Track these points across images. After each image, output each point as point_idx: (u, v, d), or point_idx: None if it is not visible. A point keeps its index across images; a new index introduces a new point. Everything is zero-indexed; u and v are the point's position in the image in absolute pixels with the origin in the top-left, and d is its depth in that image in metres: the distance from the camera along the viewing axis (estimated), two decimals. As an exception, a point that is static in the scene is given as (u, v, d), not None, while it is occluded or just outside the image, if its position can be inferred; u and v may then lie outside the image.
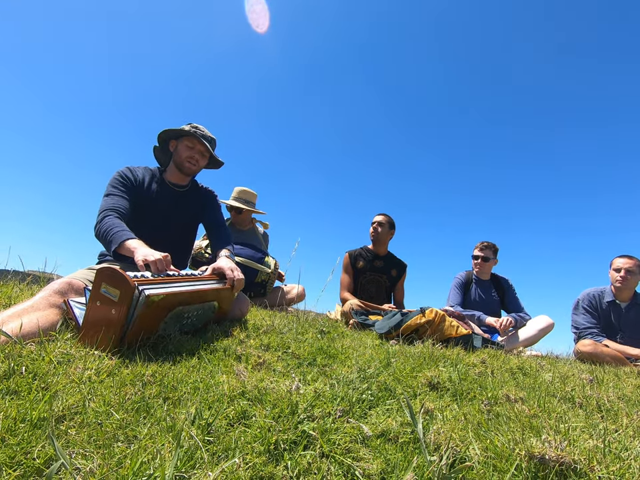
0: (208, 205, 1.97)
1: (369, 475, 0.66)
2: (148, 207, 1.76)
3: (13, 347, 0.95)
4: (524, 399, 1.10)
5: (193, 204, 1.92)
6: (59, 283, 1.28)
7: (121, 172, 1.74)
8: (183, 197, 1.89)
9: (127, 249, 1.40)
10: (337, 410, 0.85)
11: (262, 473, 0.63)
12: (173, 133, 1.85)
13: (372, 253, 3.03)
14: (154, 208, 1.78)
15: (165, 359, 1.07)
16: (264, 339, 1.40)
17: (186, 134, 1.81)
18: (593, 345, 2.43)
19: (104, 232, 1.48)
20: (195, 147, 1.82)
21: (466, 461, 0.71)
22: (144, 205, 1.74)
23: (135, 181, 1.75)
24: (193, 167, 1.83)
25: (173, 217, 1.84)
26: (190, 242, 2.03)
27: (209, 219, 1.94)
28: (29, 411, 0.69)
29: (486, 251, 3.00)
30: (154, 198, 1.78)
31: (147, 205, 1.75)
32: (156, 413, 0.77)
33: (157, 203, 1.79)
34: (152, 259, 1.29)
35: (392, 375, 1.19)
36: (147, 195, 1.77)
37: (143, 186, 1.77)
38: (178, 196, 1.87)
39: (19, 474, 0.56)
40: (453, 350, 1.65)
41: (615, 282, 2.64)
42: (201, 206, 1.94)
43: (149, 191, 1.78)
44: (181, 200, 1.87)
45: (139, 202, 1.72)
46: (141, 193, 1.75)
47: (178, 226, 1.87)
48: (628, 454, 0.74)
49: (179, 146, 1.83)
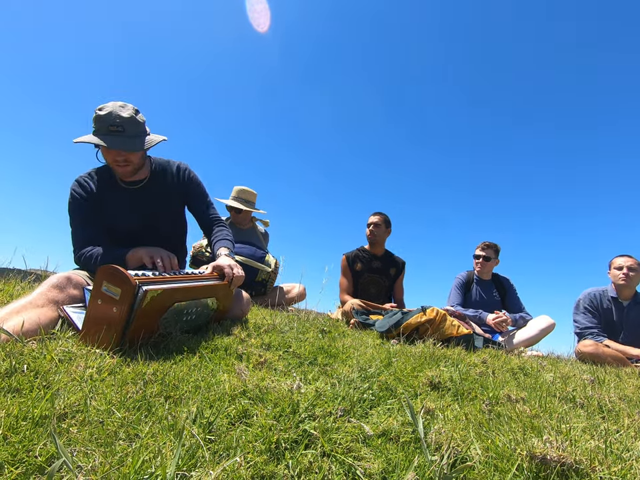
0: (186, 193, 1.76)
1: (370, 474, 0.66)
2: (110, 215, 1.62)
3: (14, 345, 0.95)
4: (525, 399, 1.10)
5: (158, 196, 1.69)
6: (58, 277, 1.27)
7: (72, 191, 1.57)
8: (142, 193, 1.66)
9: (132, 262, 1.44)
10: (338, 409, 0.85)
11: (263, 472, 0.63)
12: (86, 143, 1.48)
13: (369, 254, 3.02)
14: (117, 214, 1.63)
15: (166, 357, 1.07)
16: (265, 338, 1.40)
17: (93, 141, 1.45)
18: (594, 346, 2.42)
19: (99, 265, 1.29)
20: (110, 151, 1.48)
21: (467, 460, 0.71)
22: (105, 214, 1.61)
23: (88, 194, 1.58)
24: (127, 168, 1.53)
25: (140, 217, 1.67)
26: (177, 234, 1.86)
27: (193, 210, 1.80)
28: (30, 409, 0.69)
29: (487, 250, 2.99)
30: (112, 205, 1.62)
31: (108, 214, 1.62)
32: (157, 411, 0.77)
33: (117, 209, 1.63)
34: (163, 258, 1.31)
35: (393, 375, 1.19)
36: (104, 204, 1.61)
37: (97, 196, 1.59)
38: (136, 194, 1.65)
39: (21, 472, 0.56)
40: (454, 350, 1.65)
41: (618, 280, 2.64)
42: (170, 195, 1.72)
43: (104, 199, 1.61)
44: (140, 197, 1.65)
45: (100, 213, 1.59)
46: (98, 205, 1.59)
47: (155, 225, 1.71)
48: (629, 454, 0.74)
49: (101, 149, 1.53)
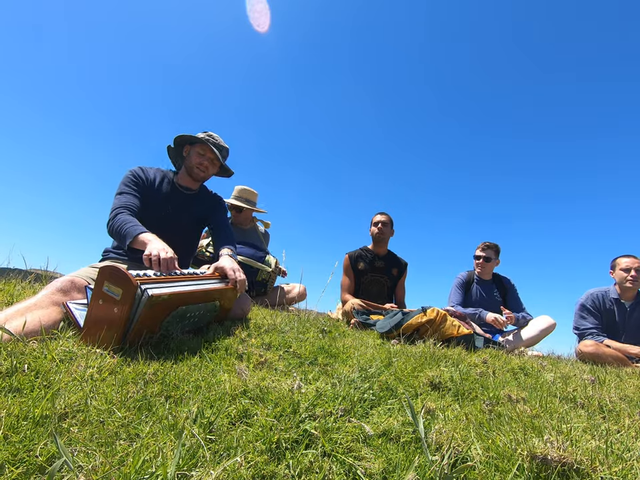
0: (215, 209, 2.02)
1: (370, 474, 0.66)
2: (157, 207, 1.79)
3: (16, 344, 0.95)
4: (526, 399, 1.10)
5: (200, 208, 1.96)
6: (62, 281, 1.28)
7: (133, 171, 1.78)
8: (192, 200, 1.93)
9: (140, 241, 1.44)
10: (339, 409, 0.85)
11: (264, 472, 0.63)
12: (188, 139, 1.90)
13: (372, 254, 3.02)
14: (162, 209, 1.81)
15: (167, 357, 1.07)
16: (265, 338, 1.40)
17: (199, 141, 1.86)
18: (594, 346, 2.42)
19: (118, 227, 1.52)
20: (205, 154, 1.86)
21: (468, 460, 0.71)
22: (153, 205, 1.78)
23: (146, 180, 1.80)
24: (201, 174, 1.88)
25: (179, 219, 1.87)
26: (194, 244, 2.06)
27: (214, 221, 1.98)
28: (31, 409, 0.69)
29: (488, 251, 2.99)
30: (163, 199, 1.82)
31: (155, 205, 1.79)
32: (158, 411, 0.78)
33: (166, 204, 1.83)
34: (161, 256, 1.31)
35: (393, 375, 1.19)
36: (157, 196, 1.81)
37: (154, 186, 1.82)
38: (187, 199, 1.91)
39: (22, 471, 0.56)
40: (454, 350, 1.65)
41: (626, 282, 2.62)
42: (207, 210, 1.98)
43: (159, 191, 1.83)
44: (189, 203, 1.91)
45: (148, 202, 1.76)
46: (151, 193, 1.79)
47: (184, 228, 1.91)
48: (630, 455, 0.73)
49: (191, 151, 1.88)
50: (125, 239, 1.48)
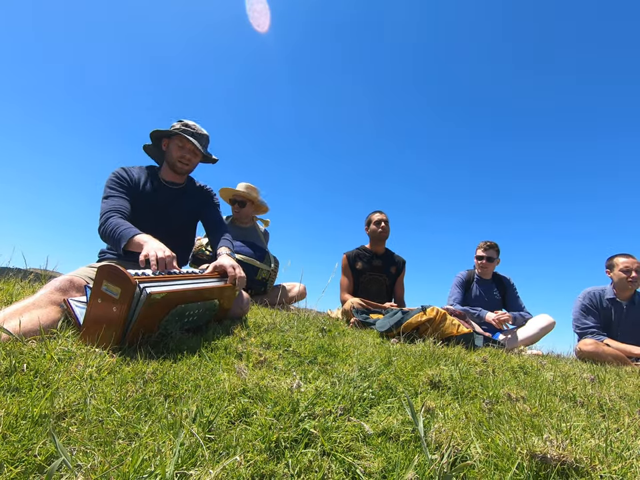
0: (206, 203, 1.98)
1: (370, 473, 0.66)
2: (145, 206, 1.76)
3: (15, 344, 0.95)
4: (525, 397, 1.10)
5: (190, 202, 1.92)
6: (60, 281, 1.28)
7: (116, 172, 1.74)
8: (180, 195, 1.89)
9: (136, 243, 1.42)
10: (338, 408, 0.85)
11: (263, 471, 0.63)
12: (164, 133, 1.85)
13: (370, 253, 3.01)
14: (151, 207, 1.78)
15: (166, 356, 1.07)
16: (265, 337, 1.40)
17: (175, 133, 1.81)
18: (594, 344, 2.42)
19: (111, 231, 1.49)
20: (184, 146, 1.81)
21: (467, 459, 0.71)
22: (141, 204, 1.75)
23: (130, 180, 1.75)
24: (185, 167, 1.83)
25: (170, 215, 1.84)
26: (190, 239, 2.03)
27: (207, 217, 1.95)
28: (30, 408, 0.69)
29: (490, 251, 2.99)
30: (150, 197, 1.79)
31: (144, 205, 1.76)
32: (157, 410, 0.77)
33: (154, 202, 1.80)
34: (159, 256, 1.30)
35: (393, 374, 1.19)
36: (144, 195, 1.77)
37: (139, 186, 1.78)
38: (174, 194, 1.87)
39: (20, 471, 0.56)
40: (454, 349, 1.65)
41: (626, 282, 2.61)
42: (198, 204, 1.95)
43: (145, 190, 1.79)
44: (177, 198, 1.88)
45: (136, 202, 1.73)
46: (137, 193, 1.75)
47: (176, 224, 1.88)
48: (630, 453, 0.73)
49: (170, 145, 1.83)
50: (120, 243, 1.45)
